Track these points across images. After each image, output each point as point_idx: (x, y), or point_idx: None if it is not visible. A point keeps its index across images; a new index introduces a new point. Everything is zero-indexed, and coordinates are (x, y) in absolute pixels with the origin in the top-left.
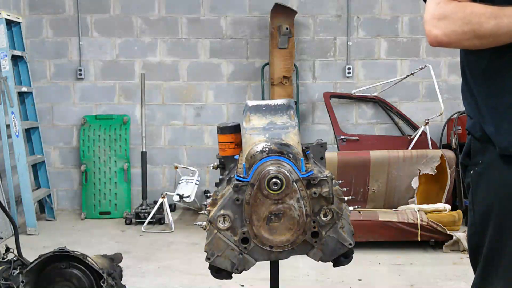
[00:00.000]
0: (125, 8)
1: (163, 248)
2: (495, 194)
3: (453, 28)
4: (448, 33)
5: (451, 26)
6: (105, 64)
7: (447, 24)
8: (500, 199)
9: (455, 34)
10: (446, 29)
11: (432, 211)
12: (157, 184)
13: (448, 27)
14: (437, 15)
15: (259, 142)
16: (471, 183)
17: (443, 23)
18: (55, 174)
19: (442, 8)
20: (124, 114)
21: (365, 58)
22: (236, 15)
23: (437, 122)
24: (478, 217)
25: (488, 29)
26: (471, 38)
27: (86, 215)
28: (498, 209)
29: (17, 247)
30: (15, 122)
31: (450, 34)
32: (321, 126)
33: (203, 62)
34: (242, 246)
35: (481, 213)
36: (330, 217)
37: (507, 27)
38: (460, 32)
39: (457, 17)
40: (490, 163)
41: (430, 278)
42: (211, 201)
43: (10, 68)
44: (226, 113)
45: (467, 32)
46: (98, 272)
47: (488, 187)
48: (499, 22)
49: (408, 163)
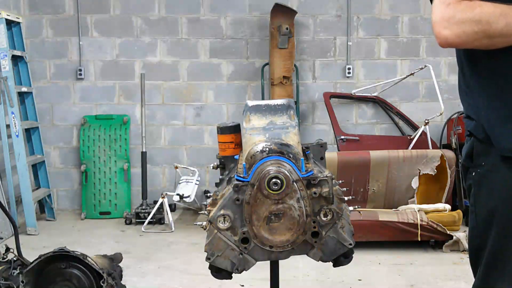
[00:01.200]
0: (125, 8)
1: (163, 248)
2: (498, 196)
3: (464, 28)
4: (459, 33)
5: (461, 27)
6: (105, 64)
7: (457, 25)
8: (504, 202)
9: (465, 34)
10: (457, 30)
11: (432, 211)
12: (157, 184)
13: (459, 28)
14: (446, 16)
15: (259, 142)
16: (473, 185)
17: (453, 24)
18: (55, 174)
19: (452, 10)
20: (124, 114)
21: (365, 58)
22: (236, 15)
23: (437, 122)
24: (480, 220)
25: (498, 29)
26: (481, 38)
27: (86, 215)
28: (502, 211)
29: (17, 247)
30: (15, 122)
31: (460, 34)
32: (321, 126)
33: (203, 62)
34: (242, 246)
35: (483, 216)
36: (330, 217)
37: None
38: (470, 33)
39: (467, 18)
40: (494, 165)
41: (430, 278)
42: (211, 201)
43: (10, 68)
44: (226, 113)
45: (478, 32)
46: (98, 272)
47: (491, 190)
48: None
49: (408, 163)
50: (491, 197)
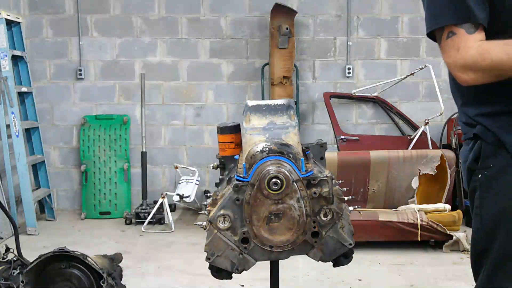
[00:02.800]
0: (125, 8)
1: (163, 248)
2: (507, 199)
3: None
4: (477, 78)
5: (478, 74)
6: (105, 64)
7: (473, 72)
8: None
9: (483, 79)
10: (474, 76)
11: (432, 211)
12: (157, 184)
13: (475, 75)
14: (460, 63)
15: (259, 142)
16: (479, 187)
17: (469, 71)
18: (55, 174)
19: (463, 56)
20: (124, 114)
21: (365, 58)
22: (236, 15)
23: (437, 122)
24: (487, 222)
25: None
26: (498, 77)
27: (86, 215)
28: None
29: (17, 247)
30: (15, 122)
31: (478, 79)
32: (321, 126)
33: (203, 62)
34: (242, 246)
35: (491, 218)
36: (330, 217)
37: None
38: (487, 77)
39: (481, 67)
40: (503, 168)
41: (430, 278)
42: (211, 201)
43: (10, 68)
44: (226, 113)
45: (493, 76)
46: (98, 272)
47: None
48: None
49: (408, 163)
50: (500, 199)
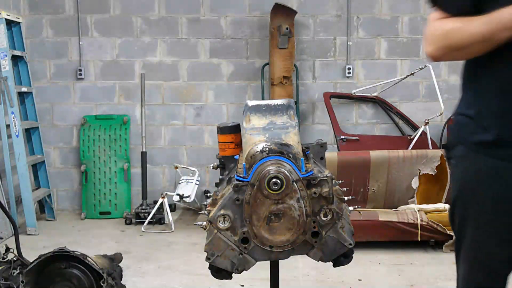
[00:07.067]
0: (125, 8)
1: (163, 248)
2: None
3: (437, 45)
4: (434, 50)
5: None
6: (105, 64)
7: (432, 42)
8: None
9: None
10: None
11: (432, 211)
12: (157, 184)
13: (433, 45)
14: (426, 35)
15: (259, 142)
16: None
17: (430, 41)
18: (55, 174)
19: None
20: (124, 114)
21: (365, 58)
22: (236, 15)
23: (437, 122)
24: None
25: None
26: (449, 52)
27: (86, 215)
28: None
29: (17, 247)
30: (15, 122)
31: (435, 50)
32: (321, 126)
33: (203, 62)
34: (242, 246)
35: (451, 203)
36: (330, 217)
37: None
38: (441, 47)
39: (437, 35)
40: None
41: (430, 278)
42: (211, 201)
43: (10, 68)
44: (226, 113)
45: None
46: (98, 272)
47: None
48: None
49: (408, 163)
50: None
